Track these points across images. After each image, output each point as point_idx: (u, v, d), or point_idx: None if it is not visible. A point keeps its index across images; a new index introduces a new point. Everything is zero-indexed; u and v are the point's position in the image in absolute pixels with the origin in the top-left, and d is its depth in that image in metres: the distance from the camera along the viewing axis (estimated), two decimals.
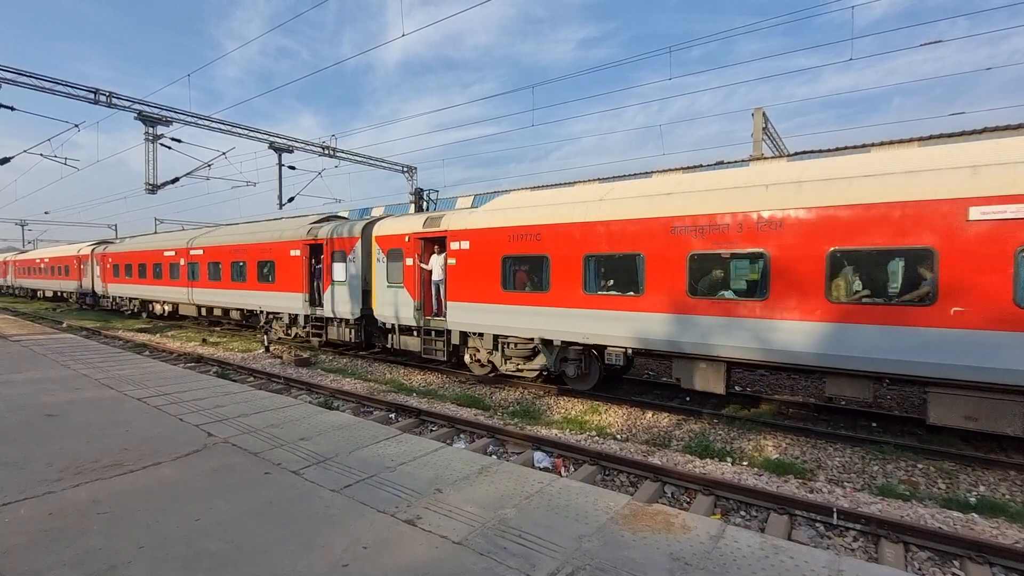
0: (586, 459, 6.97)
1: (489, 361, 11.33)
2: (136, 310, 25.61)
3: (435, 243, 12.14)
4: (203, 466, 4.47)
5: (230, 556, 3.03)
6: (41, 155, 19.84)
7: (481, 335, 11.14)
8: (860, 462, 6.99)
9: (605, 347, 9.30)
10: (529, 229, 9.99)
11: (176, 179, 18.61)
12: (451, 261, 11.30)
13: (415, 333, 12.49)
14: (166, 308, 23.08)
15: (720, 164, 20.20)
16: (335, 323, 14.65)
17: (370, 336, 14.38)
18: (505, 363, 10.92)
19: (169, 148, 17.74)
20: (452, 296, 11.34)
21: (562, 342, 9.83)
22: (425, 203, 23.28)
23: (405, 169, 26.18)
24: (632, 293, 8.72)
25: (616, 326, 8.87)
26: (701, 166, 20.62)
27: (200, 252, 19.49)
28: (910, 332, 6.58)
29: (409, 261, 12.22)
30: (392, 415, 9.23)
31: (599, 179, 22.81)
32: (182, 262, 20.36)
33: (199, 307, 20.75)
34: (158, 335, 19.97)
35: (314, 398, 10.45)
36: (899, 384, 9.68)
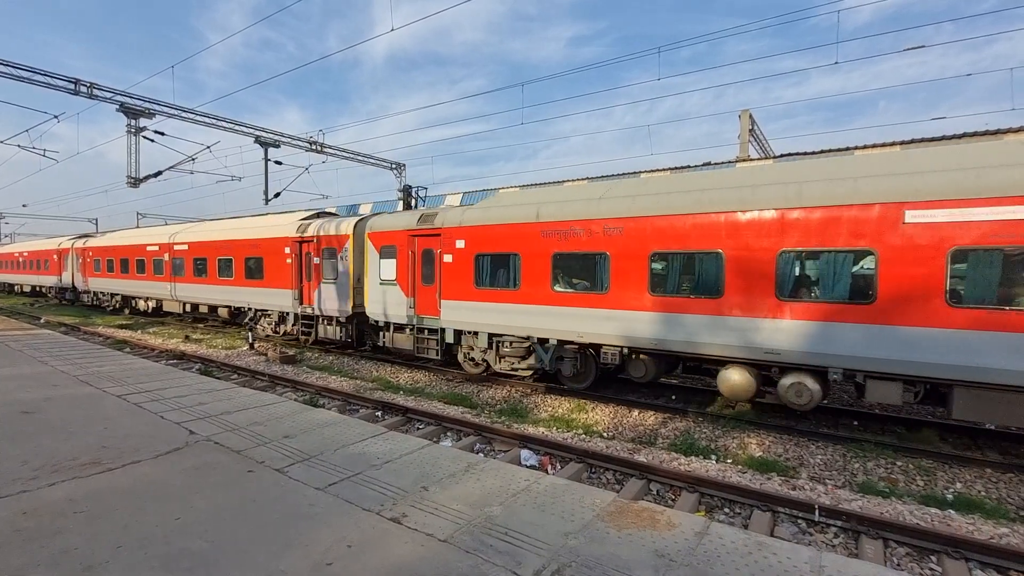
0: (573, 457, 6.99)
1: None
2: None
3: None
4: (184, 464, 4.39)
5: (210, 555, 2.97)
6: (19, 146, 19.35)
7: None
8: (841, 460, 7.10)
9: None
10: None
11: (159, 172, 18.24)
12: None
13: None
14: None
15: (707, 165, 20.38)
16: None
17: None
18: None
19: (152, 141, 17.39)
20: None
21: None
22: (414, 201, 23.14)
23: (394, 166, 25.99)
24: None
25: None
26: (689, 167, 20.79)
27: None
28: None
29: None
30: (379, 413, 9.17)
31: (587, 178, 22.88)
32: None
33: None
34: (139, 331, 19.61)
35: (299, 396, 10.34)
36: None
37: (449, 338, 11.52)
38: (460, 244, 11.17)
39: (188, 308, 20.40)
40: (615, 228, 9.00)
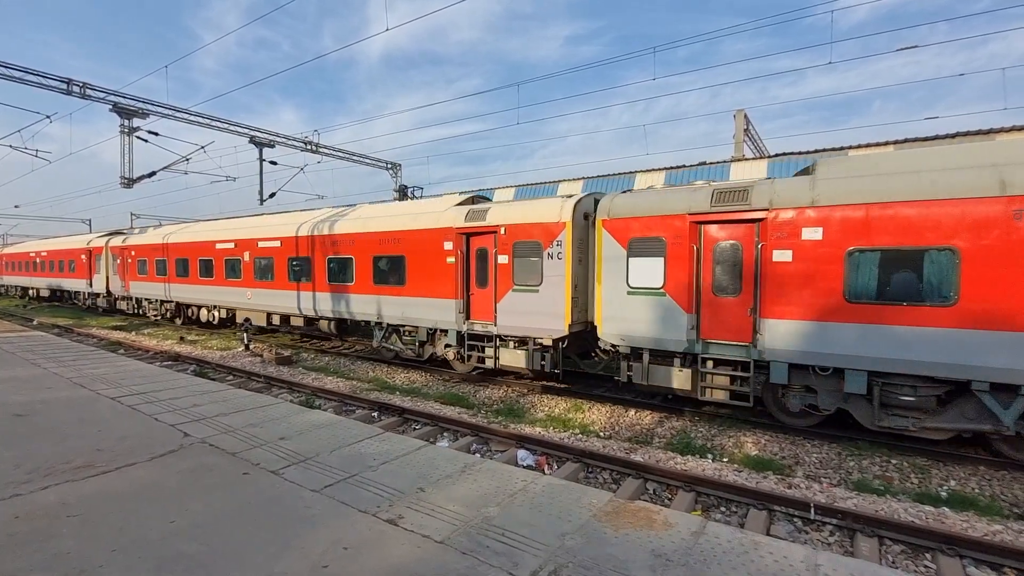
0: (569, 457, 7.00)
1: None
2: None
3: None
4: (179, 466, 4.37)
5: (206, 558, 2.96)
6: (11, 147, 19.23)
7: None
8: (837, 458, 7.14)
9: None
10: None
11: (153, 173, 18.17)
12: None
13: None
14: None
15: (703, 165, 20.43)
16: None
17: None
18: None
19: (146, 141, 17.30)
20: None
21: None
22: (410, 200, 23.09)
23: (389, 165, 25.94)
24: None
25: None
26: (684, 166, 20.84)
27: None
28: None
29: None
30: (375, 414, 9.15)
31: (583, 177, 22.88)
32: None
33: None
34: (134, 333, 19.49)
35: (295, 397, 10.30)
36: None
37: (778, 376, 7.70)
38: (812, 234, 7.41)
39: (277, 320, 16.09)
40: None
